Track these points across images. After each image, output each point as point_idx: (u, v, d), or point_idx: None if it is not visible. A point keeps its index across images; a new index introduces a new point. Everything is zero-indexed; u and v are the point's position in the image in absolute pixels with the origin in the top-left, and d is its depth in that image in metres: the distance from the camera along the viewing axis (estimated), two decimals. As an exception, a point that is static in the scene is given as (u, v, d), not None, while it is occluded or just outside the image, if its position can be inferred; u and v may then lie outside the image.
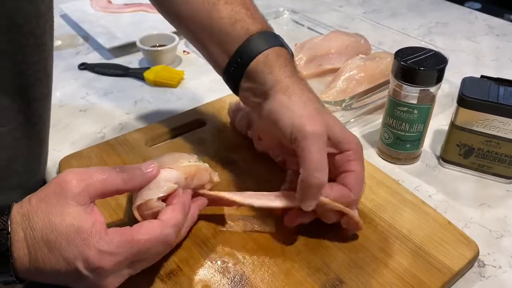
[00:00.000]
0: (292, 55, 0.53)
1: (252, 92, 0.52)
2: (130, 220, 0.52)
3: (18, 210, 0.40)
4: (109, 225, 0.41)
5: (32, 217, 0.39)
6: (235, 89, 0.54)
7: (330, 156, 0.47)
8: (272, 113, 0.48)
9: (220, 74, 0.56)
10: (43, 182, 0.63)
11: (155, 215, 0.45)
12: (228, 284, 0.47)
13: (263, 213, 0.55)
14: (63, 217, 0.39)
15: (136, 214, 0.45)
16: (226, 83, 0.56)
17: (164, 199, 0.46)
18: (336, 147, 0.48)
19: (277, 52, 0.50)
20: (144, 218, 0.45)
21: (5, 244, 0.38)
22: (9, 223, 0.39)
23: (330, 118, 0.48)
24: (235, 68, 0.51)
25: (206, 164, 0.53)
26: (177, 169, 0.48)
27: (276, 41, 0.51)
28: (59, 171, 0.62)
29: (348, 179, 0.48)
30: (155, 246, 0.42)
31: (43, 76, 0.55)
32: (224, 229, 0.53)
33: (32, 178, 0.60)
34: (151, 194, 0.45)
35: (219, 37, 0.52)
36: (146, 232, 0.41)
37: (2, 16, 0.46)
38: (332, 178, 0.48)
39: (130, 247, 0.40)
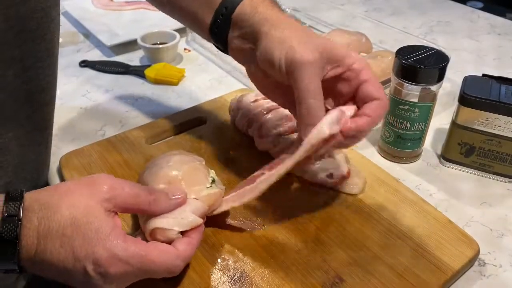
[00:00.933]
0: (275, 1, 0.52)
1: (242, 39, 0.50)
2: (130, 229, 0.52)
3: (36, 198, 0.39)
4: None
5: (52, 208, 0.38)
6: (224, 43, 0.53)
7: (341, 78, 0.46)
8: (267, 52, 0.47)
9: (205, 36, 0.54)
10: (46, 185, 0.63)
11: (167, 240, 0.44)
12: (228, 282, 0.47)
13: (263, 208, 0.55)
14: (85, 214, 0.39)
15: (147, 234, 0.44)
16: (215, 42, 0.54)
17: None
18: (341, 64, 0.46)
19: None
20: (153, 239, 0.44)
21: (14, 231, 0.37)
22: (21, 209, 0.38)
23: (324, 41, 0.46)
24: (222, 19, 0.50)
25: (223, 187, 0.52)
26: (202, 200, 0.47)
27: None
28: (59, 169, 0.62)
29: (367, 86, 0.46)
30: (162, 271, 0.42)
31: (52, 80, 0.55)
32: (225, 226, 0.53)
33: (38, 184, 0.60)
34: (174, 225, 0.44)
35: None
36: (160, 256, 0.41)
37: (16, 23, 0.46)
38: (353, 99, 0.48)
39: (141, 262, 0.40)
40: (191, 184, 0.48)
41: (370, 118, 0.45)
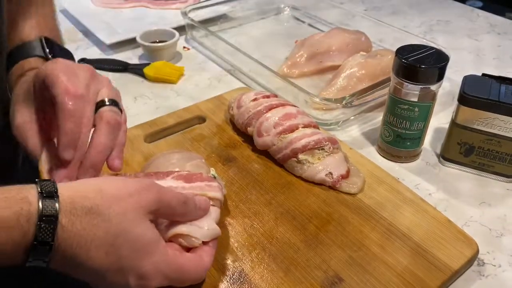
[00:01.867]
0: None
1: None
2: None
3: (78, 200, 0.36)
4: None
5: (100, 216, 0.37)
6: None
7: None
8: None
9: None
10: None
11: (187, 246, 0.44)
12: (227, 281, 0.47)
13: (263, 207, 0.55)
14: (135, 226, 0.38)
15: (168, 236, 0.44)
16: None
17: None
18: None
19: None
20: (172, 241, 0.44)
21: (52, 233, 0.34)
22: (59, 209, 0.35)
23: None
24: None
25: (223, 183, 0.53)
26: (217, 206, 0.48)
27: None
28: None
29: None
30: (190, 282, 0.43)
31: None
32: (224, 226, 0.53)
33: (29, 174, 0.59)
34: (199, 234, 0.44)
35: None
36: (194, 267, 0.42)
37: None
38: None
39: (179, 274, 0.41)
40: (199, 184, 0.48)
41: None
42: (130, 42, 0.95)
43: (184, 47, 0.97)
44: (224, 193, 0.50)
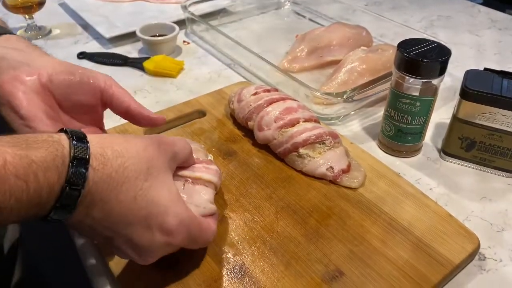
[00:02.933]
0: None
1: None
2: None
3: (112, 147, 0.37)
4: None
5: (131, 158, 0.37)
6: None
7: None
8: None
9: None
10: None
11: None
12: (228, 275, 0.47)
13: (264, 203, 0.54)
14: (164, 172, 0.40)
15: None
16: None
17: None
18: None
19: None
20: None
21: (83, 177, 0.34)
22: (89, 151, 0.35)
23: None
24: None
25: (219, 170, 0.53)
26: (212, 189, 0.48)
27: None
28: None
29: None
30: (202, 243, 0.44)
31: None
32: (224, 219, 0.53)
33: None
34: (198, 213, 0.44)
35: None
36: (208, 227, 0.44)
37: None
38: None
39: (198, 231, 0.42)
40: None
41: None
42: (130, 36, 0.94)
43: (184, 41, 0.97)
44: (220, 178, 0.51)
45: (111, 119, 0.72)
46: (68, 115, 0.49)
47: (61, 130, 0.36)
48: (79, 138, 0.35)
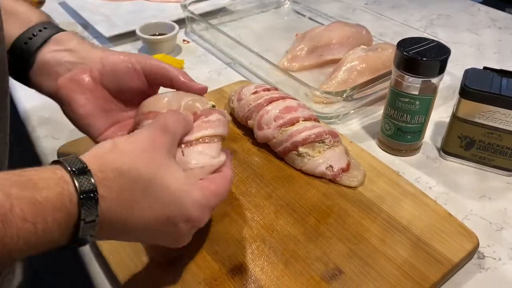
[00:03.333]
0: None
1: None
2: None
3: (109, 166, 0.36)
4: None
5: (131, 171, 0.37)
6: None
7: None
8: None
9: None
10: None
11: None
12: (227, 274, 0.47)
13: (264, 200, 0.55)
14: (167, 169, 0.40)
15: None
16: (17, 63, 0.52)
17: None
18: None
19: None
20: None
21: (95, 209, 0.34)
22: (94, 181, 0.34)
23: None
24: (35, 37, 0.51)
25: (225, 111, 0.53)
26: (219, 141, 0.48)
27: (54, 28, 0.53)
28: (57, 159, 0.62)
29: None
30: (223, 199, 0.44)
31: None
32: (224, 218, 0.53)
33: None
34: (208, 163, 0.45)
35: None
36: (222, 184, 0.44)
37: None
38: None
39: (216, 198, 0.43)
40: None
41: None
42: (130, 35, 0.94)
43: (184, 40, 0.97)
44: (226, 124, 0.49)
45: (111, 118, 0.72)
46: (122, 102, 0.53)
47: (56, 162, 0.36)
48: (80, 170, 0.34)
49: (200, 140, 0.45)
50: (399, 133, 0.63)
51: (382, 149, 0.67)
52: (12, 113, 0.75)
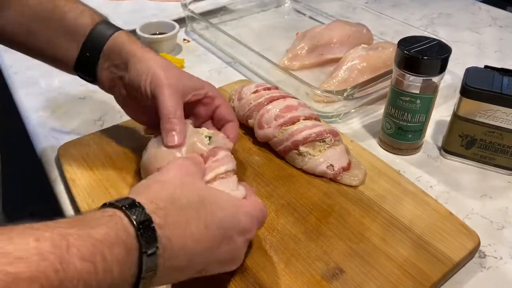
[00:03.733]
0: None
1: (113, 69, 0.55)
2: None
3: (159, 196, 0.37)
4: None
5: (182, 195, 0.38)
6: (92, 74, 0.56)
7: (200, 102, 0.56)
8: (135, 79, 0.52)
9: (69, 71, 0.56)
10: None
11: None
12: (228, 273, 0.47)
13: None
14: (209, 188, 0.43)
15: None
16: (82, 75, 0.56)
17: None
18: (199, 94, 0.55)
19: (124, 33, 0.55)
20: None
21: (153, 237, 0.34)
22: (147, 212, 0.34)
23: (183, 73, 0.55)
24: (90, 53, 0.54)
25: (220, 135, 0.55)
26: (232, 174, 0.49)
27: (117, 27, 0.56)
28: (57, 158, 0.62)
29: (221, 109, 0.57)
30: (264, 218, 0.46)
31: None
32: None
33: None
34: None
35: (65, 29, 0.54)
36: (260, 205, 0.45)
37: None
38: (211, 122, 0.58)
39: (261, 213, 0.45)
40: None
41: (232, 139, 0.55)
42: (130, 34, 0.94)
43: (184, 39, 0.97)
44: (233, 159, 0.50)
45: (111, 116, 0.72)
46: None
47: (105, 205, 0.35)
48: (130, 205, 0.34)
49: (216, 178, 0.47)
50: (400, 132, 0.63)
51: (383, 148, 0.67)
52: (12, 113, 0.75)
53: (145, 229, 0.33)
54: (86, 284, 0.29)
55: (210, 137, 0.53)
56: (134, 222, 0.33)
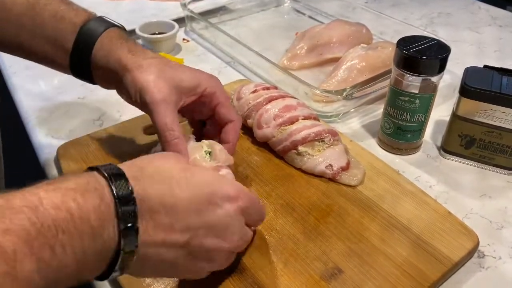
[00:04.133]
0: (124, 29, 0.55)
1: (107, 75, 0.52)
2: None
3: (139, 166, 0.37)
4: None
5: (164, 168, 0.38)
6: (89, 77, 0.54)
7: (198, 102, 0.53)
8: (126, 93, 0.51)
9: (68, 72, 0.55)
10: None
11: None
12: (226, 273, 0.47)
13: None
14: (192, 168, 0.40)
15: None
16: (80, 77, 0.55)
17: None
18: (195, 93, 0.52)
19: (107, 38, 0.51)
20: None
21: (126, 189, 0.34)
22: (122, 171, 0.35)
23: (176, 73, 0.51)
24: (80, 63, 0.52)
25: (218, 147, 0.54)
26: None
27: (102, 24, 0.52)
28: (56, 158, 0.62)
29: (220, 109, 0.54)
30: (258, 215, 0.44)
31: None
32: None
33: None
34: None
35: (49, 36, 0.52)
36: (255, 198, 0.43)
37: None
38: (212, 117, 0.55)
39: (250, 200, 0.42)
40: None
41: (231, 144, 0.54)
42: (129, 34, 0.94)
43: (183, 39, 0.97)
44: (231, 161, 0.51)
45: (110, 115, 0.72)
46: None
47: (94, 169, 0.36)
48: (102, 165, 0.35)
49: None
50: (399, 132, 0.63)
51: (382, 148, 0.67)
52: (12, 112, 0.75)
53: (116, 178, 0.34)
54: (65, 232, 0.30)
55: (210, 152, 0.51)
56: (105, 174, 0.34)
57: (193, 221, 0.37)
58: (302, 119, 0.61)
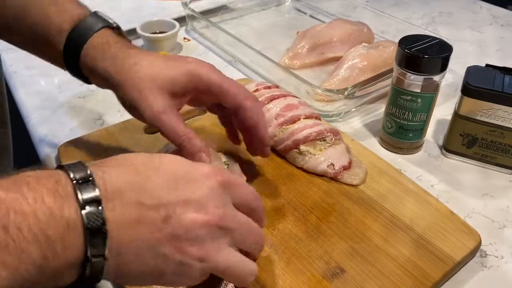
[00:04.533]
0: (118, 28, 0.53)
1: (101, 82, 0.51)
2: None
3: (116, 184, 0.33)
4: None
5: (128, 158, 0.36)
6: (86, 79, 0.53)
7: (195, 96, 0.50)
8: (121, 102, 0.50)
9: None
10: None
11: None
12: (228, 272, 0.46)
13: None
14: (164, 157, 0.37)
15: None
16: (77, 77, 0.53)
17: None
18: (190, 91, 0.49)
19: (91, 46, 0.49)
20: None
21: (83, 171, 0.32)
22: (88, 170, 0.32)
23: (165, 74, 0.48)
24: (72, 64, 0.51)
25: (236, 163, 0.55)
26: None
27: (93, 27, 0.50)
28: (58, 158, 0.62)
29: (225, 98, 0.50)
30: (256, 203, 0.40)
31: None
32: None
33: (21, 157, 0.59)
34: None
35: (41, 43, 0.51)
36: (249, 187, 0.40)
37: None
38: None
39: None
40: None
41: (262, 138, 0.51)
42: (130, 33, 0.94)
43: (184, 38, 0.97)
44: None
45: (111, 115, 0.72)
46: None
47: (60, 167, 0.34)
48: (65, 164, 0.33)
49: None
50: (401, 131, 0.63)
51: (383, 147, 0.67)
52: (13, 112, 0.75)
53: (74, 165, 0.32)
54: (18, 212, 0.28)
55: (227, 165, 0.52)
56: (64, 166, 0.32)
57: (166, 197, 0.34)
58: (303, 118, 0.61)
